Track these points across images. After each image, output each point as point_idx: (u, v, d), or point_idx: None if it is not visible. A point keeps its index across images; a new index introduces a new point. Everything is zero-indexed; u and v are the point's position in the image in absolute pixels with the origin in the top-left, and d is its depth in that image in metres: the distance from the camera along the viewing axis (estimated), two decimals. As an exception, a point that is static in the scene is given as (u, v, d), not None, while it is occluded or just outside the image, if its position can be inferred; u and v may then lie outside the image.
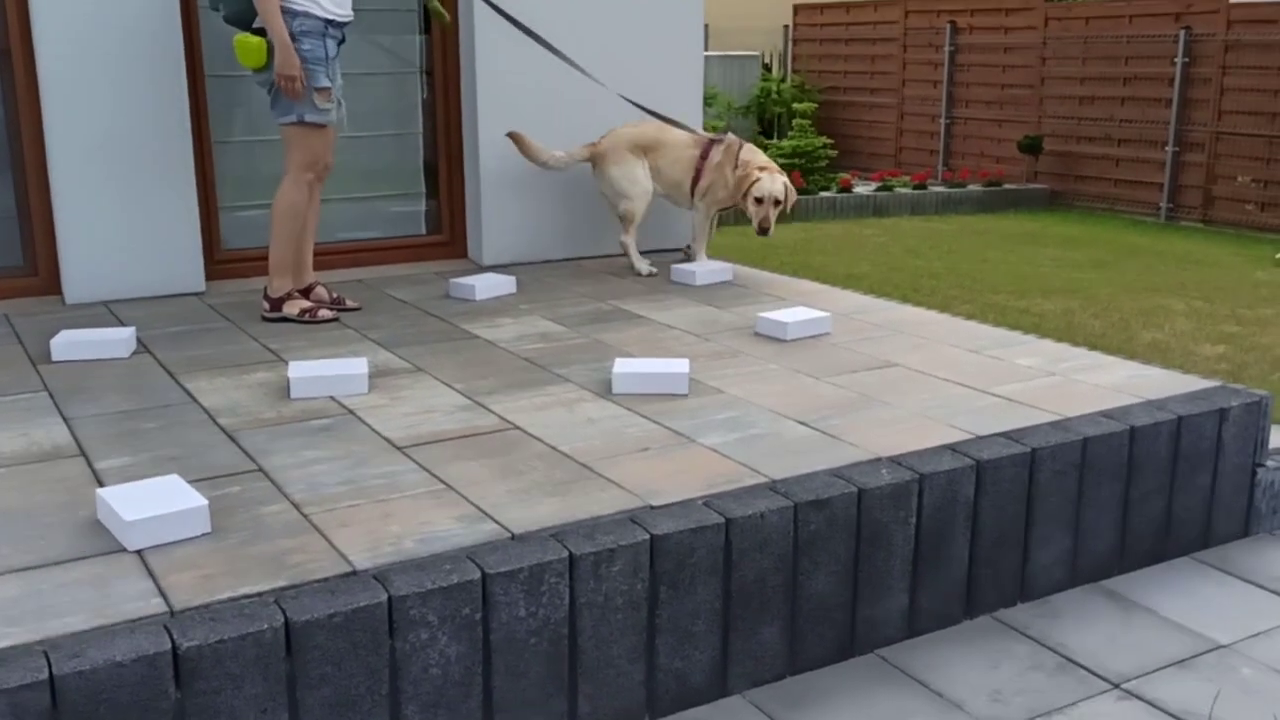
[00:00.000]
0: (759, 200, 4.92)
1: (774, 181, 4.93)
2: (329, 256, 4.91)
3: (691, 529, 2.49)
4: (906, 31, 13.04)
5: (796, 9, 14.69)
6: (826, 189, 10.74)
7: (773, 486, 2.69)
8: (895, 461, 2.84)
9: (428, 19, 5.31)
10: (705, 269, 5.02)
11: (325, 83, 4.06)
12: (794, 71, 14.58)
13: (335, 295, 4.43)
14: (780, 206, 4.94)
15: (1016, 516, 2.96)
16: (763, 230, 4.93)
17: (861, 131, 13.44)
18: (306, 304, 4.25)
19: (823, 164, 11.32)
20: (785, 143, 12.10)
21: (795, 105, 12.87)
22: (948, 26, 12.45)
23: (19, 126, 4.46)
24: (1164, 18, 10.55)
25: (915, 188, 10.95)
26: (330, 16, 4.05)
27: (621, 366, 3.44)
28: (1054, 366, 3.67)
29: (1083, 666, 2.72)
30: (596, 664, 2.42)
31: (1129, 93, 10.86)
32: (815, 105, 12.92)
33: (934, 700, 2.57)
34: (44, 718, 1.86)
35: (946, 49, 12.46)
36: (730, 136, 5.18)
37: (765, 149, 12.19)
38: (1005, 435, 3.01)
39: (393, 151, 5.49)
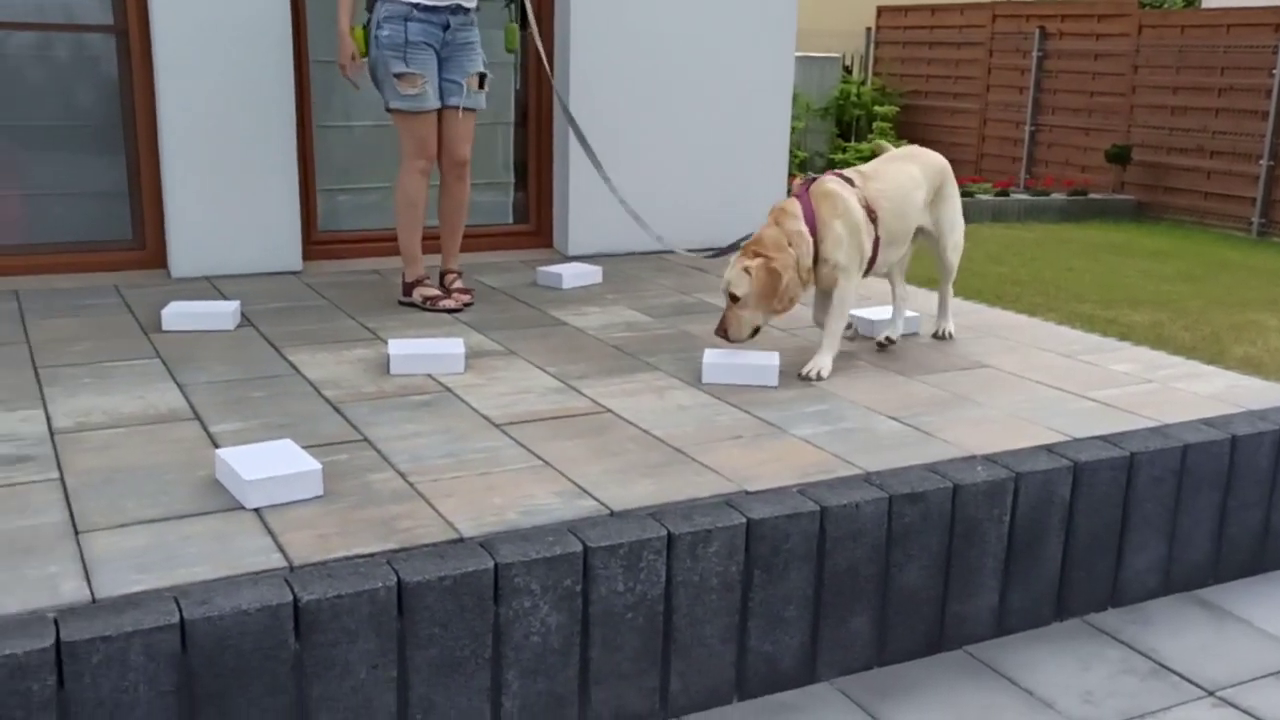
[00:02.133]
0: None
1: (731, 270, 3.49)
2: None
3: (787, 515, 2.52)
4: (993, 36, 12.90)
5: (880, 11, 14.59)
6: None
7: (867, 478, 2.71)
8: (990, 460, 2.84)
9: (523, 12, 5.39)
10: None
11: (401, 68, 4.05)
12: (875, 74, 14.49)
13: (457, 287, 4.42)
14: (740, 303, 3.45)
15: (1112, 521, 2.94)
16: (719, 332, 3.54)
17: (943, 136, 13.31)
18: (432, 292, 4.29)
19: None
20: (864, 146, 12.05)
21: (875, 108, 12.81)
22: (1036, 32, 12.29)
23: (134, 105, 4.62)
24: (1263, 28, 10.31)
25: (997, 194, 10.84)
26: (415, 0, 4.08)
27: (712, 357, 3.48)
28: (1150, 374, 3.63)
29: (1175, 673, 2.70)
30: (689, 642, 2.46)
31: (1224, 104, 10.64)
32: (897, 109, 12.83)
33: (1024, 698, 2.58)
34: (174, 660, 1.95)
35: (1035, 54, 12.30)
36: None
37: (843, 151, 12.23)
38: (1103, 439, 2.99)
39: (484, 142, 5.57)
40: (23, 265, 4.53)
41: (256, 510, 2.38)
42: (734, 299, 3.49)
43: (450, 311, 4.23)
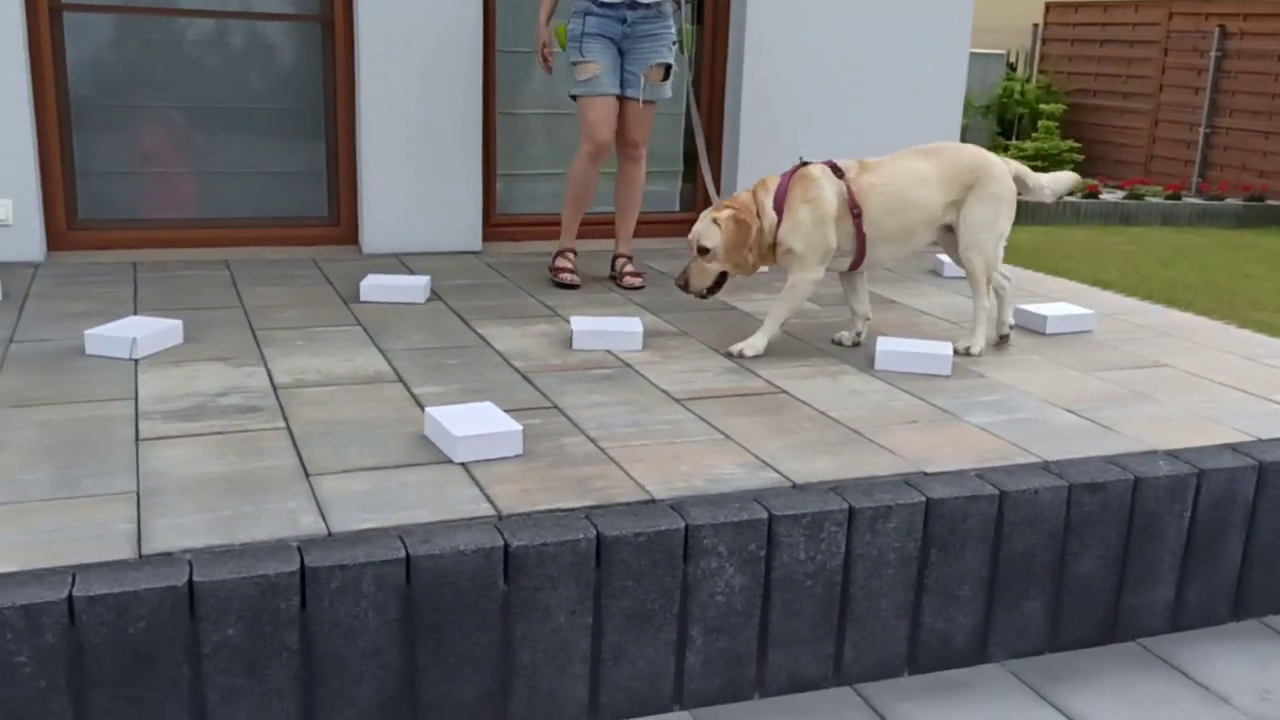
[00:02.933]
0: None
1: (700, 223, 3.57)
2: (591, 226, 5.16)
3: (966, 497, 2.58)
4: (1169, 34, 12.44)
5: (1048, 7, 14.22)
6: (1070, 194, 10.43)
7: (1045, 466, 2.74)
8: (1172, 455, 2.84)
9: (700, 7, 5.52)
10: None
11: (577, 57, 4.35)
12: (1040, 72, 14.14)
13: (629, 270, 4.59)
14: (709, 255, 3.53)
15: (1296, 522, 2.89)
16: (680, 283, 3.62)
17: (1110, 137, 12.92)
18: (561, 264, 4.53)
19: (1067, 168, 10.98)
20: (1027, 144, 11.80)
21: (1042, 106, 12.51)
22: (1216, 30, 11.81)
23: (335, 91, 4.92)
24: None
25: (1167, 198, 10.48)
26: None
27: (885, 344, 3.54)
28: (1340, 379, 3.53)
29: (1361, 679, 2.65)
30: (865, 613, 2.54)
31: None
32: (1064, 107, 12.51)
33: (1199, 691, 2.57)
34: (399, 591, 2.14)
35: (1213, 54, 11.82)
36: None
37: (1005, 150, 11.99)
38: (1290, 439, 2.95)
39: (657, 132, 5.72)
40: (231, 237, 4.89)
41: (463, 464, 2.56)
42: (702, 251, 3.55)
43: (567, 287, 4.44)
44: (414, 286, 4.09)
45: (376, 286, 4.08)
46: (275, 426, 2.76)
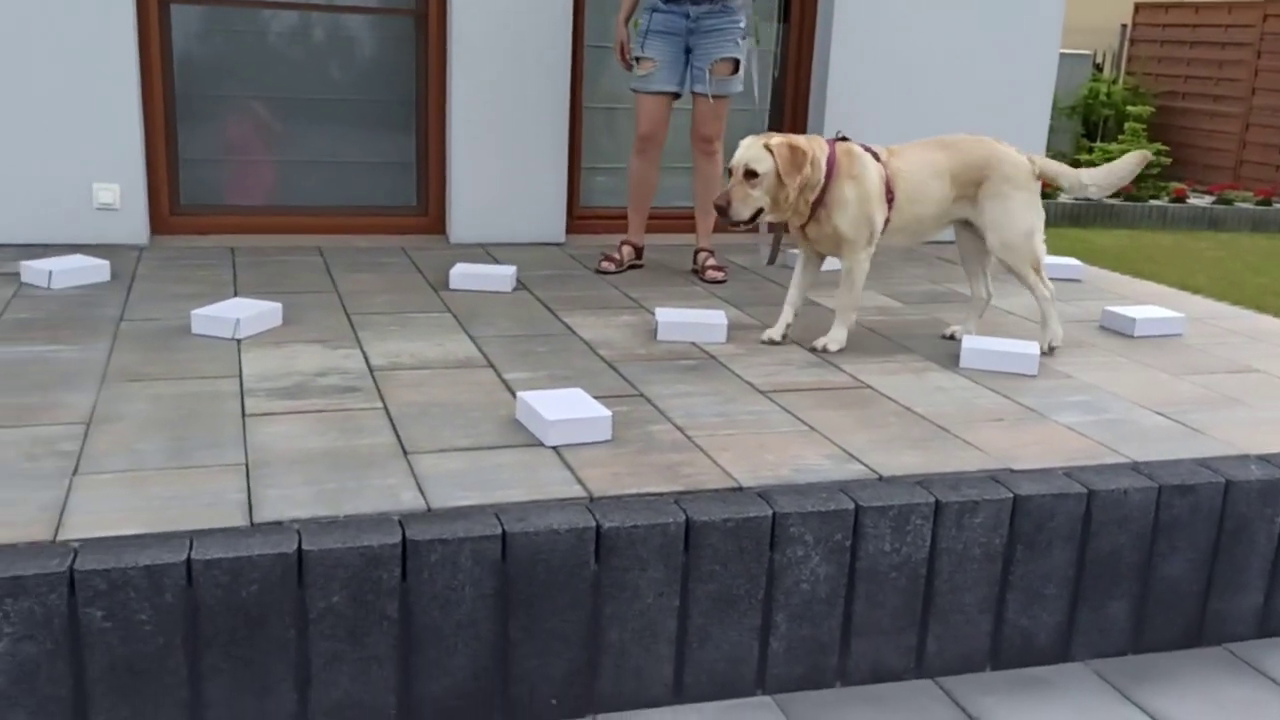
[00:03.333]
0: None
1: (748, 149, 3.41)
2: (665, 220, 5.21)
3: (1054, 495, 2.58)
4: (1263, 36, 12.12)
5: (1138, 7, 13.93)
6: (1156, 197, 10.24)
7: (1135, 467, 2.72)
8: (1265, 460, 2.80)
9: (786, 6, 5.54)
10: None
11: (638, 52, 4.48)
12: (1128, 73, 13.86)
13: (710, 264, 4.63)
14: (754, 182, 3.37)
15: (1393, 532, 2.84)
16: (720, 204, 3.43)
17: (1199, 141, 12.62)
18: (609, 254, 4.66)
19: (1154, 171, 10.79)
20: (1113, 147, 11.58)
21: (1129, 108, 12.27)
22: (1314, 32, 11.48)
23: (426, 84, 5.03)
24: None
25: (1258, 203, 10.23)
26: None
27: (970, 342, 3.53)
28: None
29: None
30: (948, 607, 2.56)
31: None
32: (1152, 110, 12.26)
33: (1289, 699, 2.55)
34: (495, 567, 2.20)
35: (1309, 57, 11.49)
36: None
37: (1089, 152, 11.79)
38: (1389, 448, 2.89)
39: (741, 127, 5.75)
40: (323, 225, 5.03)
41: (554, 448, 2.63)
42: (749, 175, 3.36)
43: (601, 273, 4.54)
44: (501, 276, 4.18)
45: (465, 275, 4.17)
46: (373, 406, 2.85)
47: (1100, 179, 3.66)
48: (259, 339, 3.38)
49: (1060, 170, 3.68)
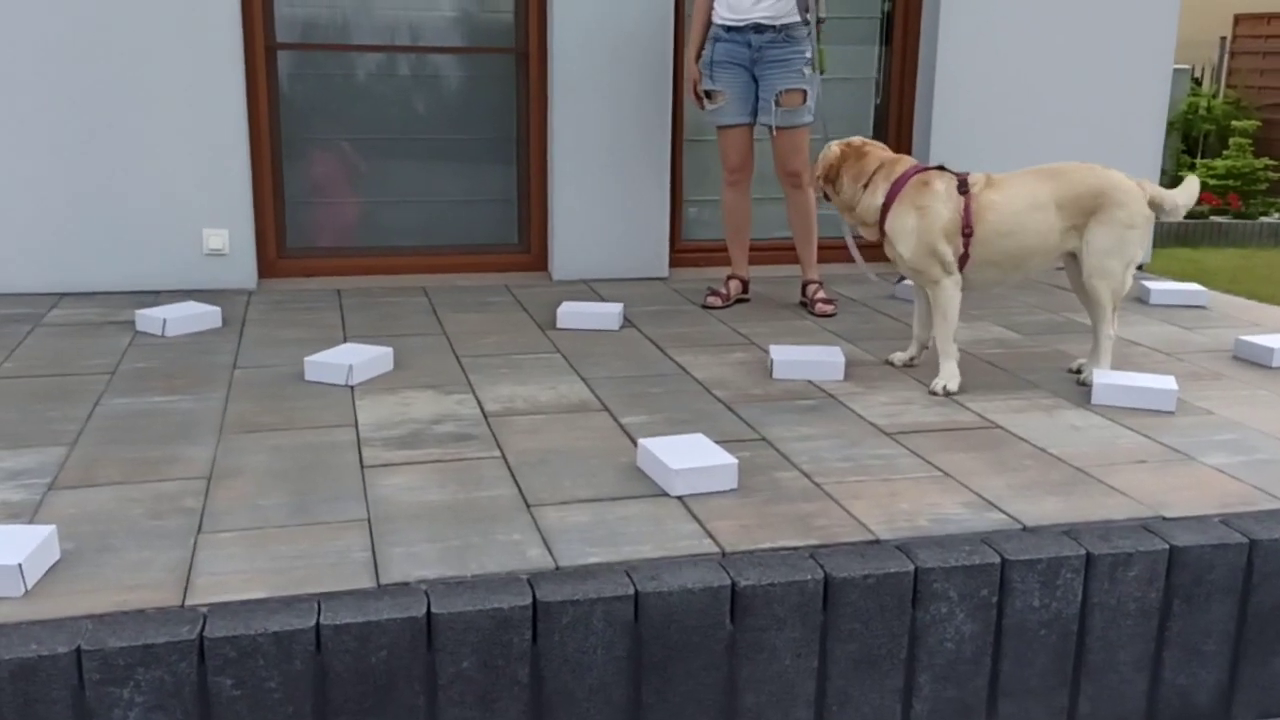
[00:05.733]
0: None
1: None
2: (768, 251, 5.11)
3: (1212, 545, 2.41)
4: (1375, 43, 11.62)
5: (1238, 19, 13.47)
6: (1266, 214, 9.85)
7: (1299, 513, 2.54)
8: None
9: (888, 28, 5.43)
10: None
11: (708, 84, 4.39)
12: (1229, 86, 13.40)
13: (820, 297, 4.52)
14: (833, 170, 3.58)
15: None
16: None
17: (1309, 154, 12.11)
18: (715, 289, 4.58)
19: (1262, 187, 10.39)
20: (1218, 163, 11.18)
21: (1233, 123, 11.85)
22: None
23: (528, 121, 5.02)
24: None
25: (1377, 217, 9.76)
26: (721, 21, 4.34)
27: (1103, 378, 3.37)
28: None
29: None
30: (1101, 665, 2.41)
31: None
32: (1259, 124, 11.82)
33: None
34: (628, 628, 2.12)
35: None
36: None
37: (1192, 168, 11.39)
38: None
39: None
40: (426, 264, 5.03)
41: (680, 498, 2.54)
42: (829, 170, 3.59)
43: (708, 309, 4.46)
44: (608, 314, 4.12)
45: (572, 313, 4.12)
46: (491, 455, 2.80)
47: (1182, 200, 3.50)
48: (372, 385, 3.36)
49: (1164, 195, 3.52)
